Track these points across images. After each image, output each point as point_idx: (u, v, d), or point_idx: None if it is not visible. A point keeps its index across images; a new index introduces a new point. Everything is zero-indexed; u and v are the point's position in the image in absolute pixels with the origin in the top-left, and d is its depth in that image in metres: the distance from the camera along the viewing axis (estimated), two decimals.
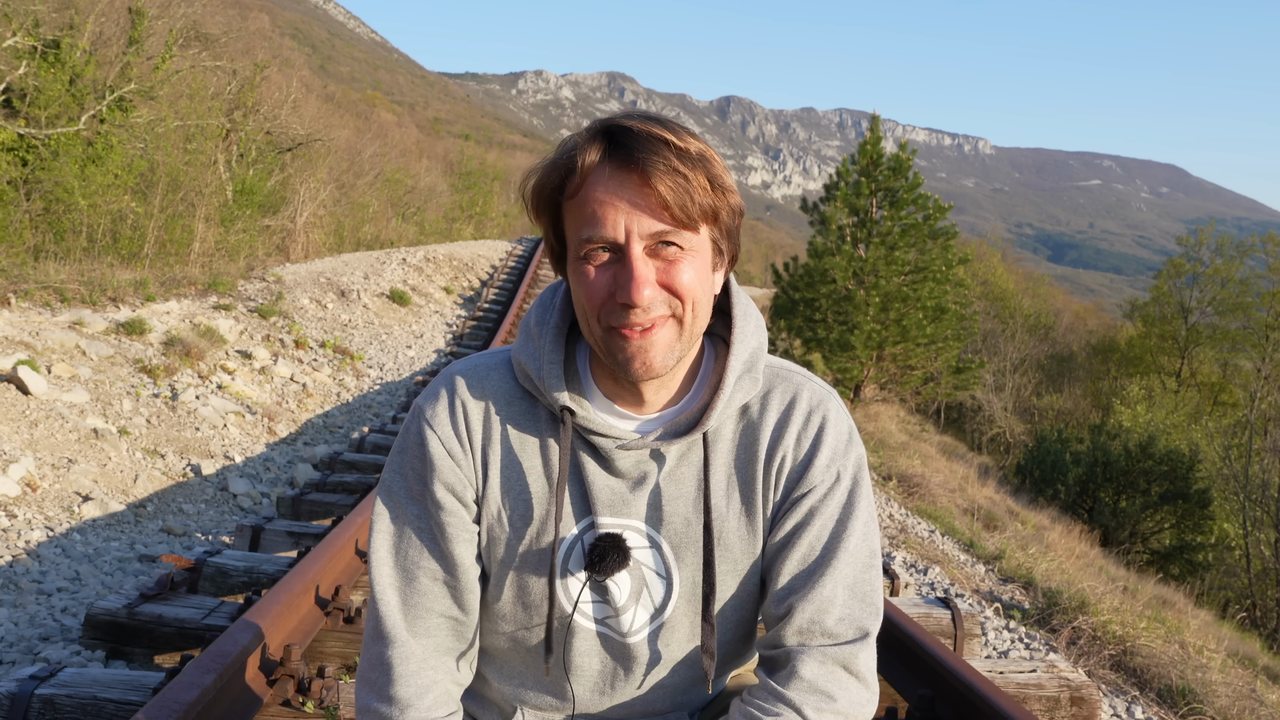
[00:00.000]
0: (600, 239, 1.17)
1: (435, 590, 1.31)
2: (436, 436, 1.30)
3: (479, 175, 53.21)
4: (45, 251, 14.72)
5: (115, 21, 17.56)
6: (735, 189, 1.22)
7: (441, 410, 1.31)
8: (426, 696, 1.29)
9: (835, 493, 1.29)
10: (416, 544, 1.31)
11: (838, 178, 18.79)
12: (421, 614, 1.30)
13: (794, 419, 1.31)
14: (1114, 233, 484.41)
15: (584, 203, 1.18)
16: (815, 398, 1.33)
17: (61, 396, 6.82)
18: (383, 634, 1.30)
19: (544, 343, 1.29)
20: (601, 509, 1.28)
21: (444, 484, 1.29)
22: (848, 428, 1.33)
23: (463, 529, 1.30)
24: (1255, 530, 19.23)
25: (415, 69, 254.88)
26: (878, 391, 19.85)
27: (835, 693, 1.24)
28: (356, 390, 10.10)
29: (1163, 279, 40.55)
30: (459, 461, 1.29)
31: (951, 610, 3.87)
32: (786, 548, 1.29)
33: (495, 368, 1.34)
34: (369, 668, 1.32)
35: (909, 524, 8.13)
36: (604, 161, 1.17)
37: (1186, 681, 4.80)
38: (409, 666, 1.29)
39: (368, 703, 1.31)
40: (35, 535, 4.82)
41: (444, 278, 17.64)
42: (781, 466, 1.30)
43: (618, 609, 1.31)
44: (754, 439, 1.31)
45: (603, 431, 1.27)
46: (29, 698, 2.44)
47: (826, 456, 1.30)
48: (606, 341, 1.21)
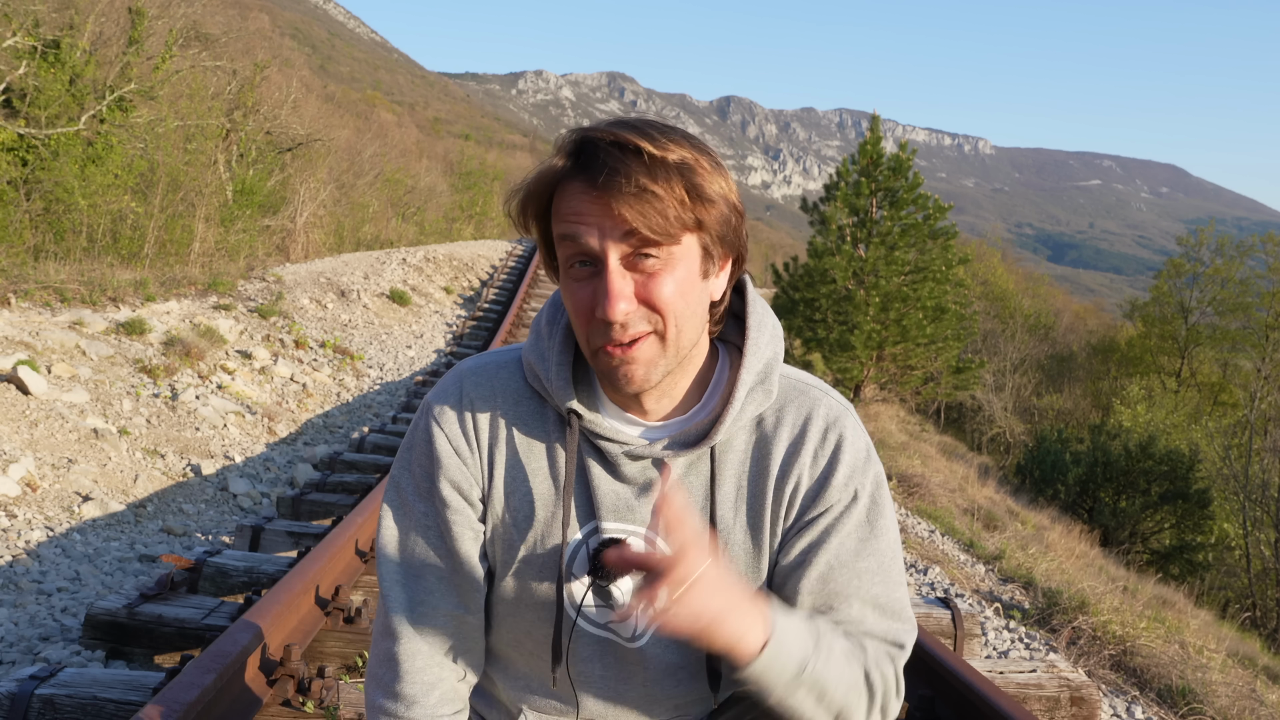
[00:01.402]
0: (578, 253, 1.15)
1: (441, 588, 1.31)
2: (444, 434, 1.29)
3: (479, 175, 53.20)
4: (45, 251, 14.72)
5: (115, 21, 17.56)
6: (726, 193, 1.17)
7: (450, 408, 1.30)
8: (432, 694, 1.30)
9: (854, 511, 1.26)
10: (423, 541, 1.31)
11: (838, 178, 18.79)
12: (427, 611, 1.31)
13: (810, 437, 1.27)
14: (1114, 233, 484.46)
15: (561, 218, 1.16)
16: (832, 414, 1.29)
17: (61, 396, 6.82)
18: (390, 630, 1.31)
19: (553, 344, 1.28)
20: (606, 514, 1.27)
21: (450, 482, 1.29)
22: (865, 445, 1.30)
23: (468, 527, 1.30)
24: (1255, 530, 19.22)
25: (415, 69, 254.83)
26: (878, 391, 19.85)
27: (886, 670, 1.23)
28: (356, 390, 10.10)
29: (1163, 279, 40.55)
30: (465, 460, 1.29)
31: (951, 610, 3.87)
32: (801, 568, 1.26)
33: (505, 366, 1.33)
34: (377, 664, 1.33)
35: (909, 524, 8.13)
36: (572, 177, 1.14)
37: (1186, 681, 4.80)
38: (415, 663, 1.29)
39: (375, 699, 1.32)
40: (35, 535, 4.82)
41: (444, 278, 17.64)
42: (797, 488, 1.27)
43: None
44: (766, 453, 1.28)
45: (609, 436, 1.26)
46: (29, 698, 2.44)
47: (844, 475, 1.26)
48: (594, 355, 1.20)
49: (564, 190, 1.16)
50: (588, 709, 1.36)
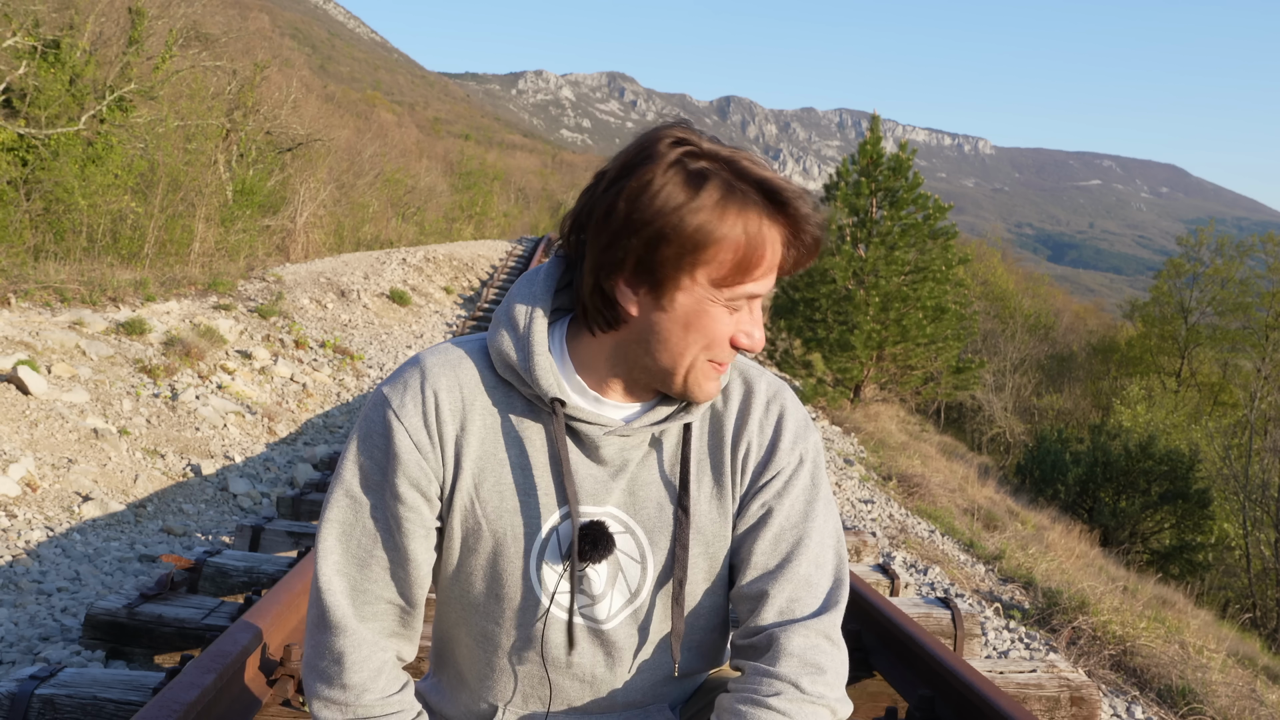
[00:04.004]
0: (757, 291, 1.25)
1: (385, 579, 1.30)
2: (403, 427, 1.27)
3: (479, 175, 53.22)
4: (45, 251, 14.71)
5: (115, 21, 17.55)
6: None
7: (410, 399, 1.28)
8: (380, 678, 1.29)
9: (800, 475, 1.35)
10: (371, 532, 1.29)
11: (838, 178, 18.79)
12: (370, 600, 1.30)
13: (754, 407, 1.37)
14: (1114, 233, 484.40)
15: (757, 247, 1.23)
16: (772, 388, 1.39)
17: (61, 396, 6.82)
18: (330, 623, 1.28)
19: (531, 334, 1.29)
20: (583, 497, 1.30)
21: (407, 478, 1.27)
22: (804, 414, 1.40)
23: (419, 524, 1.29)
24: (1255, 530, 19.23)
25: (415, 69, 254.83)
26: (878, 391, 19.84)
27: (824, 663, 1.27)
28: (356, 390, 10.10)
29: (1163, 279, 40.56)
30: (426, 454, 1.28)
31: (951, 610, 3.87)
32: (756, 530, 1.34)
33: (468, 355, 1.33)
34: (317, 656, 1.30)
35: (909, 524, 8.13)
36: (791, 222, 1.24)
37: (1186, 681, 4.80)
38: (361, 653, 1.28)
39: (319, 691, 1.30)
40: (35, 535, 4.82)
41: (444, 278, 17.64)
42: (748, 454, 1.35)
43: (594, 597, 1.32)
44: (720, 426, 1.37)
45: (591, 420, 1.29)
46: (29, 698, 2.44)
47: (789, 440, 1.36)
48: (692, 371, 1.27)
49: (765, 220, 1.22)
50: (562, 696, 1.36)
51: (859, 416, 17.15)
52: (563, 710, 1.37)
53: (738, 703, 1.24)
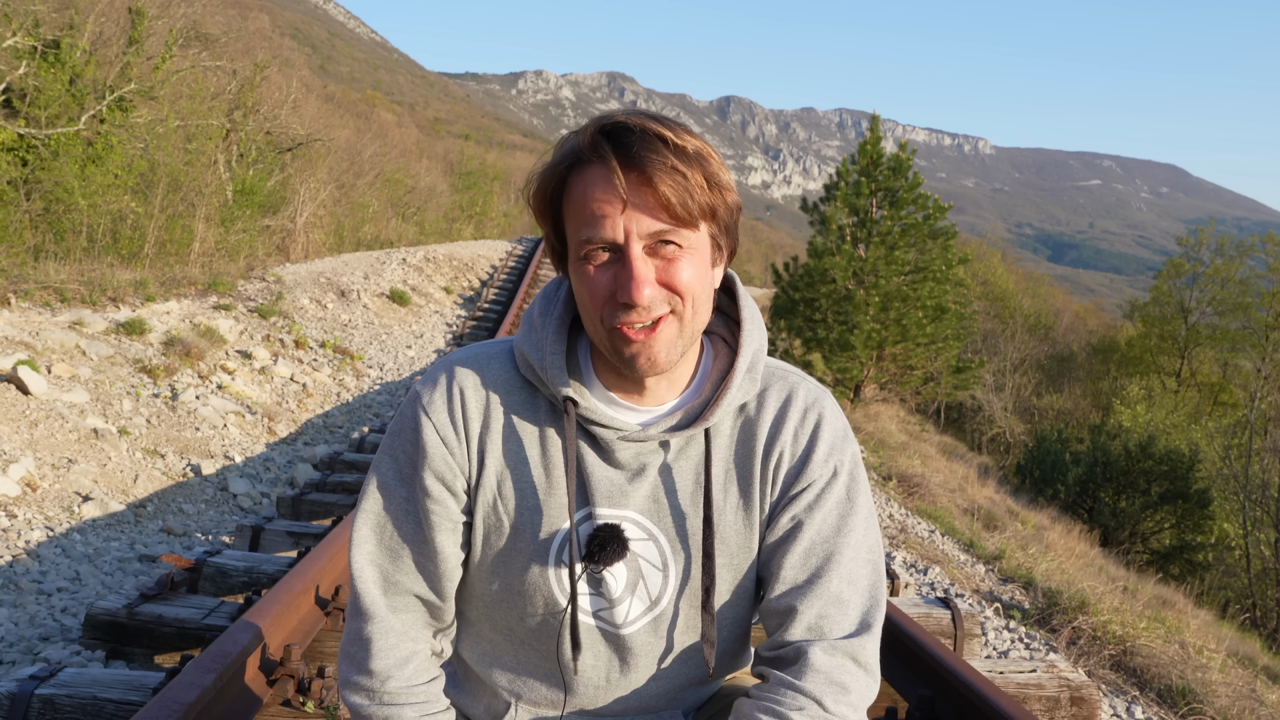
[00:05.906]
0: (599, 239, 1.18)
1: (413, 572, 1.32)
2: (432, 424, 1.30)
3: (479, 175, 53.18)
4: (45, 251, 14.71)
5: (115, 21, 17.55)
6: (733, 186, 1.23)
7: (439, 397, 1.31)
8: (406, 667, 1.31)
9: (834, 487, 1.31)
10: (401, 525, 1.32)
11: (838, 178, 18.79)
12: (400, 592, 1.32)
13: (791, 415, 1.32)
14: (1114, 233, 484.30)
15: (583, 203, 1.18)
16: (811, 395, 1.34)
17: (61, 396, 6.82)
18: (361, 610, 1.32)
19: (547, 334, 1.30)
20: (600, 500, 1.29)
21: (434, 472, 1.29)
22: (843, 425, 1.35)
23: (446, 519, 1.31)
24: (1255, 530, 19.22)
25: (415, 69, 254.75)
26: (878, 391, 19.84)
27: (849, 684, 1.24)
28: (356, 390, 10.10)
29: (1163, 279, 40.53)
30: (452, 450, 1.30)
31: (951, 610, 3.86)
32: (786, 543, 1.30)
33: (496, 357, 1.34)
34: (349, 642, 1.34)
35: (909, 524, 8.13)
36: (601, 161, 1.17)
37: (1186, 681, 4.80)
38: (388, 640, 1.31)
39: (348, 676, 1.33)
40: (35, 535, 4.82)
41: (444, 278, 17.64)
42: (780, 463, 1.31)
43: (613, 600, 1.31)
44: (751, 435, 1.32)
45: (605, 423, 1.28)
46: (29, 698, 2.44)
47: (824, 451, 1.31)
48: (610, 340, 1.22)
49: (585, 176, 1.18)
50: (579, 698, 1.36)
51: (859, 416, 17.15)
52: (575, 711, 1.37)
53: (758, 711, 1.23)
